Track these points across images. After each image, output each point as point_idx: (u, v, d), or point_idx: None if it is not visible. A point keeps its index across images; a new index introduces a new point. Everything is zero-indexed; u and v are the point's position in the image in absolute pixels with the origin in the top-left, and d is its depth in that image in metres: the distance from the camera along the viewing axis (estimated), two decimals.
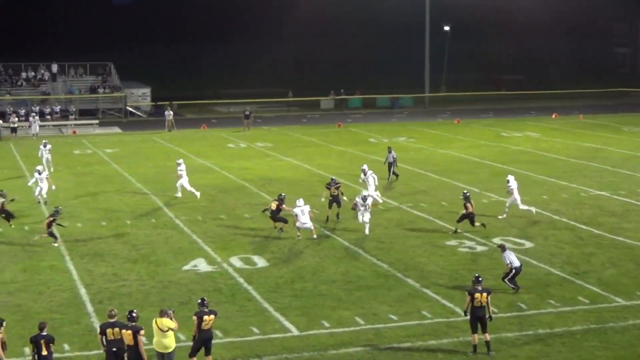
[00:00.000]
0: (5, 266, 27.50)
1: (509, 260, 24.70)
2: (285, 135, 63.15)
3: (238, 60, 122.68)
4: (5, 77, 78.58)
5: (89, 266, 27.48)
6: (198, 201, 37.58)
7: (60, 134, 66.50)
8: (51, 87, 78.10)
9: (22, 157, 51.62)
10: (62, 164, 49.21)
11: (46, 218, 31.11)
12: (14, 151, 54.98)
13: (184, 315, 21.37)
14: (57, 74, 79.96)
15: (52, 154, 46.63)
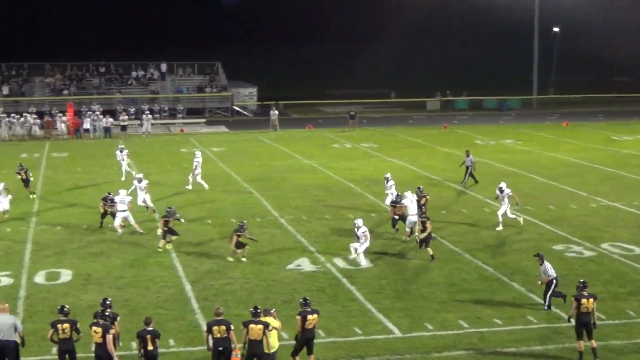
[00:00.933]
0: (115, 261, 28.17)
1: (549, 272, 23.28)
2: (391, 136, 63.07)
3: (344, 60, 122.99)
4: (115, 75, 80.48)
5: (194, 263, 27.93)
6: (303, 201, 37.82)
7: (168, 132, 67.79)
8: (160, 86, 79.64)
9: (131, 155, 52.76)
10: (170, 162, 50.16)
11: (160, 219, 31.60)
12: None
13: (287, 314, 21.53)
14: (166, 73, 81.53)
15: (131, 158, 46.17)
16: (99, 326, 18.21)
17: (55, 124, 63.93)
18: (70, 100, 69.22)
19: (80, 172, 45.71)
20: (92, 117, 64.20)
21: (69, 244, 30.38)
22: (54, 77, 78.48)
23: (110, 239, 31.16)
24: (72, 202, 37.63)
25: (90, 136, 63.18)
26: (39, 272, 26.82)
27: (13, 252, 29.31)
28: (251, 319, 18.52)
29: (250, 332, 18.35)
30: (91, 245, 30.11)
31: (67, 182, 41.96)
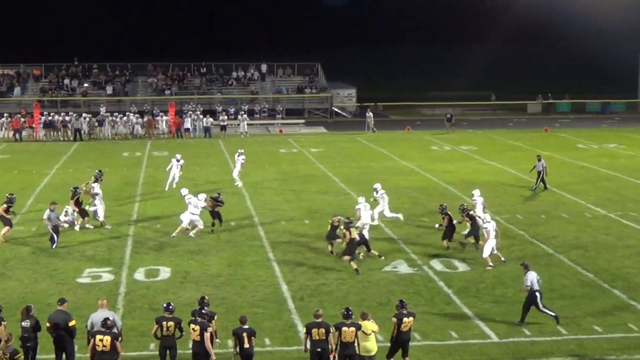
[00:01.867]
0: (212, 260, 28.56)
1: (530, 281, 22.30)
2: (490, 138, 62.47)
3: (445, 62, 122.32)
4: (216, 76, 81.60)
5: (291, 263, 28.11)
6: (400, 203, 37.70)
7: (267, 132, 68.39)
8: (260, 86, 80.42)
9: (231, 155, 53.42)
10: (268, 162, 50.61)
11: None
12: (222, 148, 56.99)
13: (382, 317, 21.52)
14: (266, 73, 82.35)
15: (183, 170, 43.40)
16: (197, 324, 18.48)
17: (157, 123, 65.10)
18: (171, 100, 70.44)
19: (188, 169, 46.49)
20: (192, 117, 65.18)
21: (168, 242, 30.91)
22: (156, 77, 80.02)
23: (208, 237, 31.58)
24: (172, 200, 38.26)
25: (190, 136, 64.14)
26: (139, 269, 27.36)
27: (114, 249, 29.96)
28: (343, 321, 18.57)
29: (343, 335, 18.40)
30: (190, 244, 30.56)
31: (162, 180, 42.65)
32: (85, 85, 78.36)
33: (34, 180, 43.60)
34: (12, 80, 79.23)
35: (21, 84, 78.57)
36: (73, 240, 31.21)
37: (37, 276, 26.66)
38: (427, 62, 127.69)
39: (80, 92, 76.88)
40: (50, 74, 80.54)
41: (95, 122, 64.04)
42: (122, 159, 51.73)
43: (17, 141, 61.49)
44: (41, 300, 23.90)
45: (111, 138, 63.21)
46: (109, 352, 18.08)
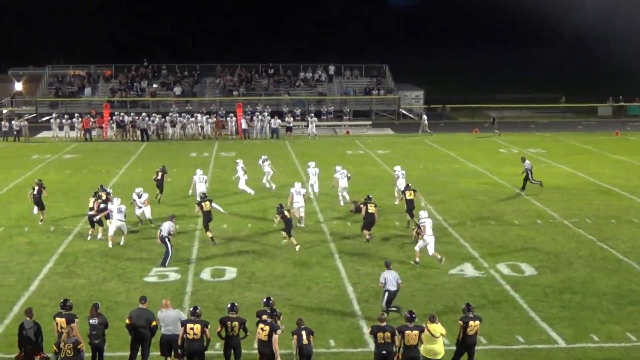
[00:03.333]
0: (278, 261, 28.67)
1: (384, 279, 22.87)
2: (560, 141, 61.73)
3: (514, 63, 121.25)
4: (284, 77, 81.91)
5: (356, 265, 28.10)
6: (467, 206, 37.50)
7: (334, 134, 68.44)
8: (327, 88, 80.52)
9: (297, 156, 53.63)
10: (335, 163, 50.33)
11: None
12: (289, 149, 57.19)
13: (448, 320, 21.40)
14: (333, 75, 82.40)
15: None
16: (267, 324, 18.56)
17: (225, 124, 65.54)
18: (239, 101, 70.89)
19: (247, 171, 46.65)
20: (259, 118, 65.52)
21: (235, 242, 31.11)
22: (224, 78, 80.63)
23: (274, 238, 31.71)
24: (238, 200, 38.50)
25: (257, 137, 64.47)
26: (205, 269, 27.59)
27: (181, 248, 30.24)
28: (406, 324, 18.51)
29: (406, 338, 18.35)
30: (256, 244, 30.72)
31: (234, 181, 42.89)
32: (154, 86, 79.22)
33: (103, 180, 44.15)
34: (82, 80, 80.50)
35: (92, 85, 79.79)
36: (141, 239, 31.59)
37: (105, 274, 27.05)
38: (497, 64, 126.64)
39: (149, 92, 77.73)
40: (120, 74, 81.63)
41: (164, 122, 64.73)
42: (189, 160, 52.18)
43: (87, 141, 62.46)
44: (109, 299, 24.27)
45: (179, 138, 63.82)
46: (199, 339, 18.65)
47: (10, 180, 44.78)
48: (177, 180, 43.74)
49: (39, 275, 26.94)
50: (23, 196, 36.61)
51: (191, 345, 18.75)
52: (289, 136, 63.92)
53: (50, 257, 29.08)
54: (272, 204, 36.16)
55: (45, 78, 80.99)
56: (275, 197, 38.60)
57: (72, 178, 45.60)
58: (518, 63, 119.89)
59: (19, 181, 44.31)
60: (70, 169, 48.77)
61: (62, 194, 40.53)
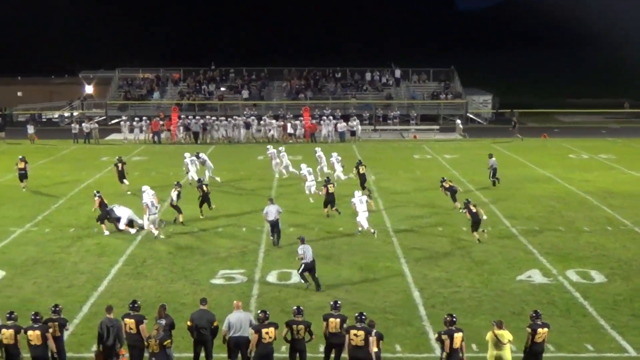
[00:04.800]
0: (344, 265, 28.69)
1: (303, 251, 25.61)
2: (631, 147, 60.81)
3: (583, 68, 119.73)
4: (351, 81, 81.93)
5: (423, 270, 28.00)
6: (536, 211, 37.16)
7: (401, 138, 68.27)
8: (394, 91, 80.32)
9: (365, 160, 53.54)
10: (402, 168, 50.52)
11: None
12: (356, 153, 57.14)
13: (516, 327, 21.21)
14: (400, 79, 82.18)
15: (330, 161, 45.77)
16: (360, 329, 18.51)
17: (293, 128, 65.74)
18: (306, 105, 71.08)
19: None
20: (326, 122, 65.63)
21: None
22: (291, 81, 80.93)
23: (340, 242, 31.75)
24: (306, 205, 38.57)
25: (328, 140, 64.54)
26: (271, 272, 27.71)
27: (248, 251, 30.44)
28: (449, 328, 18.43)
29: (454, 341, 18.27)
30: (322, 248, 30.76)
31: (299, 184, 43.05)
32: (222, 89, 79.83)
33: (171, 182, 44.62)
34: (152, 84, 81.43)
35: (160, 88, 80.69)
36: (208, 241, 31.87)
37: (172, 276, 27.33)
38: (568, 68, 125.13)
39: (217, 96, 78.34)
40: (189, 78, 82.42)
41: (232, 125, 65.20)
42: (256, 163, 52.45)
43: (155, 143, 63.18)
44: (176, 300, 24.54)
45: (245, 141, 64.19)
46: (272, 343, 18.92)
47: (80, 181, 45.50)
48: (244, 183, 44.07)
49: (108, 276, 27.33)
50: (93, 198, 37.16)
51: (263, 349, 18.84)
52: (356, 140, 63.93)
53: (119, 258, 29.48)
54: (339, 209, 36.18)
55: (115, 81, 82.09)
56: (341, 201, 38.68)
57: (140, 180, 46.10)
58: (588, 66, 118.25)
59: (89, 182, 45.01)
60: (139, 170, 49.35)
61: (131, 195, 41.04)
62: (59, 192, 42.27)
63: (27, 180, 43.33)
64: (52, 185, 44.34)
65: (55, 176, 47.09)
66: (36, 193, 42.22)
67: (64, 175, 47.51)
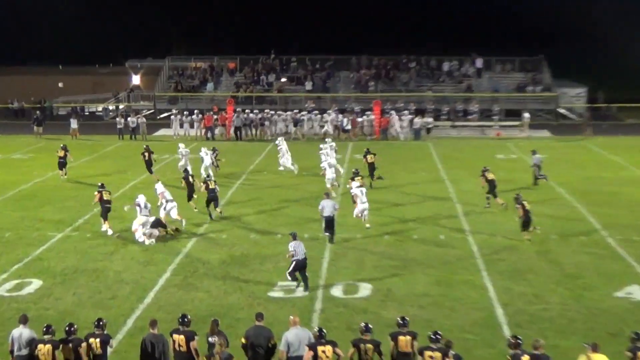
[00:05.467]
0: (418, 277, 28.51)
1: (294, 249, 26.84)
2: None
3: None
4: (427, 71, 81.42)
5: (507, 284, 27.69)
6: (635, 219, 36.57)
7: (482, 135, 67.77)
8: (475, 83, 79.72)
9: (441, 159, 53.35)
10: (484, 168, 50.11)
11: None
12: (432, 151, 56.89)
13: (613, 350, 20.80)
14: (482, 69, 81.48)
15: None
16: (436, 351, 18.39)
17: (361, 123, 65.64)
18: (376, 98, 70.92)
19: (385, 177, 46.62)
20: (400, 117, 65.44)
21: (370, 255, 31.07)
22: (359, 71, 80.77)
23: (415, 251, 31.58)
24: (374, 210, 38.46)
25: (400, 137, 64.37)
26: (337, 284, 27.63)
27: (310, 261, 30.34)
28: (515, 351, 18.20)
29: None
30: (393, 258, 30.63)
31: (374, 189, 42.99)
32: (282, 80, 79.98)
33: (225, 183, 44.89)
34: (205, 74, 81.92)
35: (214, 78, 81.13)
36: (265, 249, 31.91)
37: (226, 287, 27.40)
38: None
39: (276, 87, 78.51)
40: (246, 67, 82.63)
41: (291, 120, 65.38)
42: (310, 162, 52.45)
43: (208, 140, 63.49)
44: (229, 315, 24.58)
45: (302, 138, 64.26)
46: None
47: (126, 181, 45.96)
48: (309, 186, 44.16)
49: (155, 287, 27.50)
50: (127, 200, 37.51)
51: None
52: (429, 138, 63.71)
53: (167, 267, 29.65)
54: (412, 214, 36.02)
55: (165, 71, 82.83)
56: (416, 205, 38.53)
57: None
58: None
59: (135, 183, 45.39)
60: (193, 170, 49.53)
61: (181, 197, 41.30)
62: None
63: (67, 169, 44.57)
64: (94, 185, 44.83)
65: (98, 175, 47.58)
66: (77, 194, 42.75)
67: (108, 175, 47.98)
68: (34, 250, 32.02)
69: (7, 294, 26.83)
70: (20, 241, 33.36)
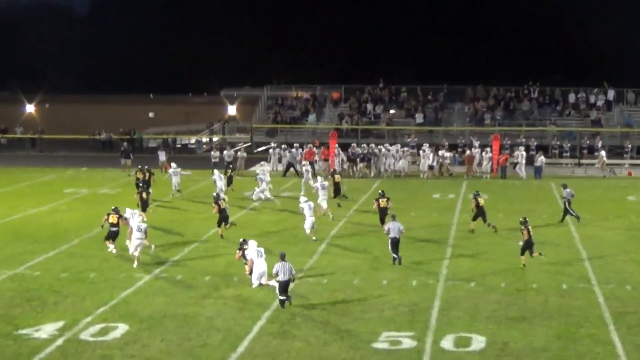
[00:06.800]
0: (538, 330, 28.23)
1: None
2: None
3: None
4: (549, 102, 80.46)
5: (638, 340, 27.28)
6: None
7: (612, 175, 66.82)
8: (604, 117, 78.71)
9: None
10: (613, 211, 49.53)
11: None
12: (554, 192, 56.34)
13: None
14: (613, 101, 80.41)
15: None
16: None
17: (479, 160, 65.39)
18: (495, 132, 70.55)
19: (501, 218, 46.36)
20: (520, 152, 65.07)
21: (485, 305, 30.90)
22: (475, 103, 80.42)
23: (533, 301, 31.33)
24: (488, 254, 38.24)
25: (519, 175, 63.95)
26: (447, 336, 27.51)
27: (418, 310, 30.34)
28: None
29: None
30: (510, 308, 30.41)
31: (484, 229, 42.78)
32: (391, 111, 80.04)
33: (327, 225, 45.12)
34: (306, 104, 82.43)
35: (317, 109, 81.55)
36: (370, 296, 31.95)
37: (326, 337, 27.47)
38: None
39: (384, 119, 78.59)
40: (351, 97, 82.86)
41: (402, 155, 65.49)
42: (432, 201, 52.46)
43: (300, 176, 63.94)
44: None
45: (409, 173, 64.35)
46: None
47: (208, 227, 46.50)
48: (416, 225, 44.16)
49: (249, 335, 27.68)
50: (234, 240, 37.86)
51: None
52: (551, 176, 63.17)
53: (263, 314, 29.85)
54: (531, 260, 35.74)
55: (263, 101, 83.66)
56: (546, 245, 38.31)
57: (291, 220, 46.71)
58: None
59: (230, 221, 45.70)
60: (290, 208, 49.84)
61: (279, 240, 41.62)
62: (193, 232, 43.32)
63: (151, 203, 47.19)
64: (185, 222, 45.46)
65: (189, 213, 48.24)
66: (167, 232, 43.37)
67: (200, 212, 48.55)
68: (119, 292, 32.55)
69: (91, 338, 27.30)
70: (106, 283, 33.96)
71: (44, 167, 70.82)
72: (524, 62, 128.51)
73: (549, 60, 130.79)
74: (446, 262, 37.33)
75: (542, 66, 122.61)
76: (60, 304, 31.11)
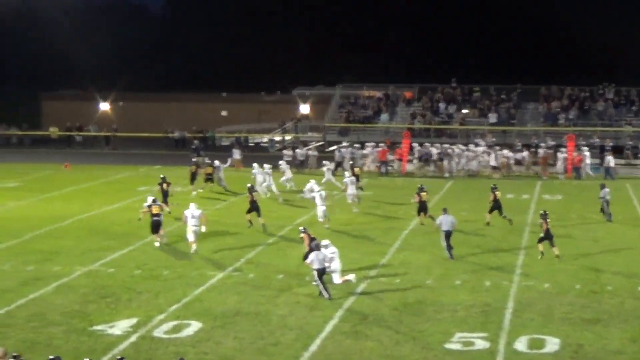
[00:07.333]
0: (613, 332, 27.92)
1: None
2: None
3: None
4: (624, 101, 79.30)
5: None
6: None
7: None
8: None
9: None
10: None
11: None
12: (630, 194, 55.73)
13: None
14: None
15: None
16: None
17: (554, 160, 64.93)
18: (569, 132, 69.88)
19: (575, 219, 45.93)
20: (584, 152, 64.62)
21: (559, 307, 30.65)
22: (548, 103, 79.60)
23: (608, 303, 31.00)
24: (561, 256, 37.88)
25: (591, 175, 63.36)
26: (520, 338, 27.33)
27: (491, 311, 30.18)
28: None
29: None
30: (585, 310, 30.13)
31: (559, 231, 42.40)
32: (464, 111, 79.64)
33: (399, 224, 45.07)
34: (379, 103, 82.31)
35: (389, 109, 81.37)
36: (442, 298, 31.85)
37: (398, 337, 27.43)
38: None
39: (457, 119, 78.21)
40: (424, 97, 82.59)
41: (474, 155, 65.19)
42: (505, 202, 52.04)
43: (382, 175, 63.87)
44: None
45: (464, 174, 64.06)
46: None
47: (291, 218, 46.59)
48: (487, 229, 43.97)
49: (321, 334, 27.73)
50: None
51: None
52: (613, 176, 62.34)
53: (335, 313, 29.87)
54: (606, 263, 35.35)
55: (335, 100, 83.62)
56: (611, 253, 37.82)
57: (362, 219, 46.71)
58: None
59: (300, 221, 45.72)
60: (360, 207, 49.80)
61: (351, 237, 41.63)
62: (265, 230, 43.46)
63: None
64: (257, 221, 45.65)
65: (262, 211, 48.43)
66: (238, 231, 43.54)
67: (273, 211, 48.70)
68: (193, 290, 32.79)
69: (165, 335, 27.52)
70: (179, 280, 34.21)
71: (117, 165, 71.51)
72: (598, 61, 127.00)
73: (623, 59, 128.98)
74: (520, 262, 37.11)
75: (616, 66, 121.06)
76: (134, 300, 31.43)
